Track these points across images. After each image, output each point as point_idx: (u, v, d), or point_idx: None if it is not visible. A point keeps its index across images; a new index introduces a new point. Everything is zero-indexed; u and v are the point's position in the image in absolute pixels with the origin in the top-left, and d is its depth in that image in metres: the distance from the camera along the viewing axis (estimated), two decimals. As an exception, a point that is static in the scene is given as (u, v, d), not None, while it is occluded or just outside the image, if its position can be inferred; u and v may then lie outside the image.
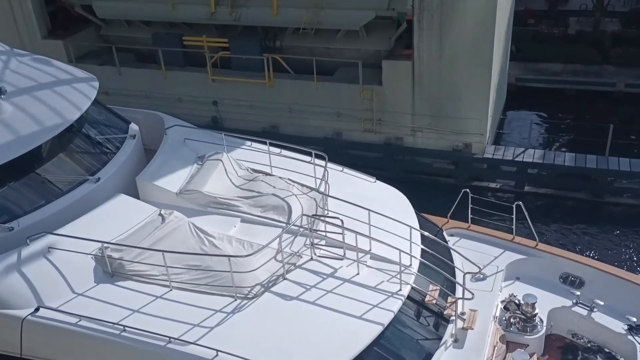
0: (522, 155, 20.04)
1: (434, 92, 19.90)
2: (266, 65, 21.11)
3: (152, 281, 9.33)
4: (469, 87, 19.44)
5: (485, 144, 20.36)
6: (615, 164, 19.15)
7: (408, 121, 20.63)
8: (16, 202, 10.08)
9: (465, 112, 19.77)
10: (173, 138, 12.18)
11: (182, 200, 10.91)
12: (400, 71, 19.99)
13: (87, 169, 10.98)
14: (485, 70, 19.20)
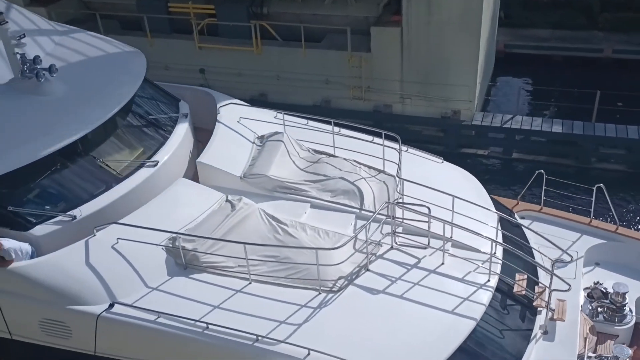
0: (510, 122, 20.13)
1: (422, 59, 19.83)
2: (253, 32, 20.88)
3: (229, 274, 8.76)
4: (457, 53, 19.38)
5: (473, 111, 20.42)
6: (602, 130, 19.31)
7: (397, 88, 20.60)
8: (75, 189, 9.48)
9: (454, 79, 19.75)
10: (227, 117, 11.42)
11: (247, 185, 10.34)
12: (389, 38, 19.86)
13: (142, 152, 10.31)
14: (474, 37, 19.13)
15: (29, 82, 9.86)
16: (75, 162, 9.54)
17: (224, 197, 9.91)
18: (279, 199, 10.19)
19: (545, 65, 24.55)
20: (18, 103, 9.73)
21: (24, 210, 8.90)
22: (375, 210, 9.43)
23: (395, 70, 20.27)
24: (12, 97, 9.81)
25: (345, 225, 9.68)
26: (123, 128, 10.40)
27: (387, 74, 20.40)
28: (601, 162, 19.65)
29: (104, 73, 10.84)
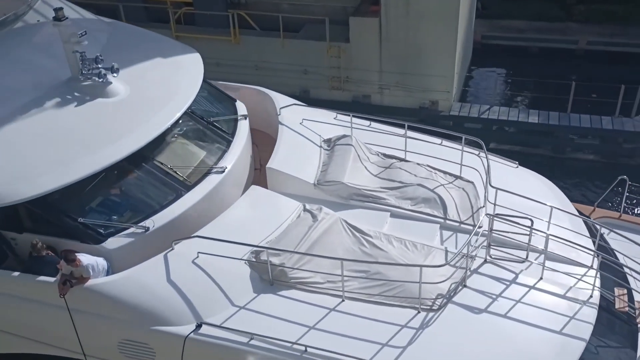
0: (487, 113, 20.31)
1: (401, 49, 19.88)
2: (231, 21, 20.72)
3: (320, 290, 8.21)
4: (435, 44, 19.47)
5: (451, 101, 20.56)
6: (577, 121, 19.59)
7: (375, 79, 20.63)
8: (145, 198, 8.95)
9: (432, 69, 19.85)
10: (289, 119, 10.86)
11: (320, 192, 9.77)
12: (368, 28, 19.87)
13: (207, 157, 9.74)
14: (452, 27, 19.22)
15: (90, 83, 9.37)
16: (143, 169, 9.00)
17: (301, 206, 9.41)
18: (356, 208, 9.63)
19: (521, 56, 24.78)
20: (80, 105, 9.18)
21: (95, 222, 8.37)
22: (460, 219, 9.08)
23: (374, 60, 20.30)
24: (72, 98, 9.29)
25: (431, 236, 9.13)
26: (186, 132, 9.85)
27: (365, 65, 20.42)
28: (576, 152, 19.95)
29: (161, 72, 10.30)
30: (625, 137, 19.06)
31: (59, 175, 8.20)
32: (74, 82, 9.47)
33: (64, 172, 8.24)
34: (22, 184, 8.13)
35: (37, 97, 9.22)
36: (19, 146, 8.58)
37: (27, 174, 8.25)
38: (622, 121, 19.35)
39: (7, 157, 8.44)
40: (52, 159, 8.43)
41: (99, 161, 8.42)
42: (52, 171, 8.25)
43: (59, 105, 9.16)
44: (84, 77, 9.44)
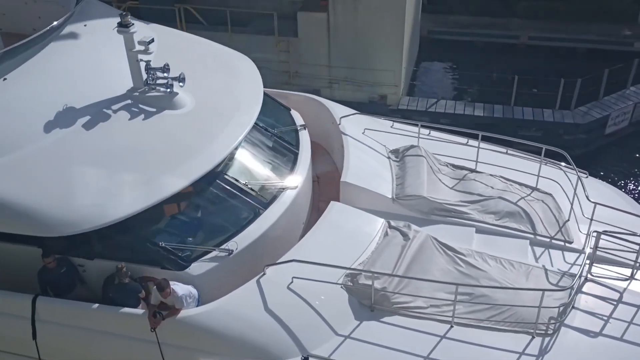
0: (435, 106, 20.68)
1: (349, 44, 19.99)
2: (178, 15, 20.37)
3: (426, 316, 7.70)
4: (383, 39, 19.67)
5: (400, 95, 20.83)
6: (520, 114, 20.17)
7: (325, 73, 20.68)
8: (225, 219, 8.42)
9: (380, 64, 20.04)
10: (351, 129, 10.33)
11: (400, 207, 9.31)
12: (316, 23, 19.89)
13: (276, 171, 9.20)
14: (399, 22, 19.45)
15: (155, 93, 8.76)
16: (219, 187, 8.42)
17: (385, 222, 8.93)
18: (438, 223, 9.18)
19: (466, 51, 25.30)
20: (148, 118, 8.54)
21: (177, 246, 7.79)
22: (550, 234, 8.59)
23: (323, 55, 20.35)
24: (138, 111, 8.64)
25: (524, 253, 8.73)
26: (254, 145, 9.31)
27: (314, 59, 20.44)
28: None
29: (218, 79, 9.69)
30: (565, 128, 19.74)
31: (140, 197, 7.60)
32: (138, 93, 8.82)
33: (145, 193, 7.65)
34: (101, 207, 7.51)
35: (101, 111, 8.54)
36: (92, 166, 7.93)
37: (105, 196, 7.62)
38: (562, 113, 20.04)
39: (81, 179, 7.78)
40: (130, 179, 7.82)
41: (179, 180, 7.85)
42: (132, 192, 7.65)
43: (126, 119, 8.52)
44: (148, 87, 8.80)
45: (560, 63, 23.59)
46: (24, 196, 7.47)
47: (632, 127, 20.61)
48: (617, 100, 20.56)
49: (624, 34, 24.63)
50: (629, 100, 20.49)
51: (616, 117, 20.09)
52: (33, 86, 8.63)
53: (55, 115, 8.30)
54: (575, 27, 24.91)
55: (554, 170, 10.18)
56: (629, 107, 20.21)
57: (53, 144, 8.01)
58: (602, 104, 20.40)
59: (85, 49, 9.54)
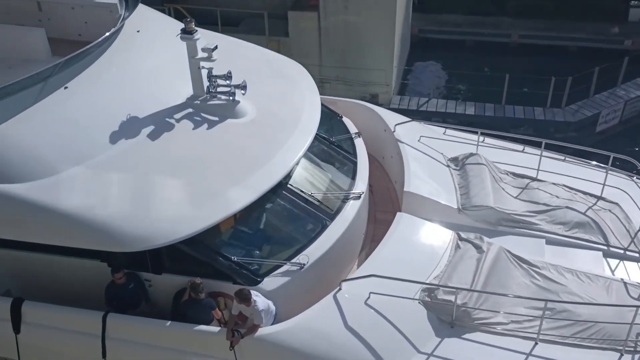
0: (426, 105, 20.69)
1: (340, 43, 19.96)
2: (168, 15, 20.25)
3: (508, 332, 7.43)
4: (374, 38, 19.65)
5: (391, 94, 20.81)
6: (511, 112, 20.21)
7: (316, 73, 20.59)
8: (294, 231, 8.23)
9: (372, 63, 20.02)
10: (407, 136, 10.06)
11: (466, 218, 9.04)
12: (307, 22, 19.84)
13: (338, 180, 9.01)
14: (389, 21, 19.44)
15: (217, 102, 8.58)
16: (286, 198, 8.21)
17: (454, 234, 8.72)
18: (506, 234, 8.91)
19: (457, 50, 25.33)
20: (211, 128, 8.37)
21: (250, 260, 7.62)
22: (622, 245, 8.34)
23: (314, 54, 20.30)
24: (201, 120, 8.46)
25: (599, 266, 8.48)
26: (315, 154, 9.09)
27: (305, 59, 20.32)
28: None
29: (274, 87, 9.48)
30: (556, 127, 19.79)
31: (213, 210, 7.41)
32: (199, 102, 8.66)
33: (217, 205, 7.47)
34: (175, 221, 7.31)
35: (163, 120, 8.39)
36: (162, 179, 7.77)
37: (178, 209, 7.43)
38: (553, 112, 20.09)
39: (152, 192, 7.61)
40: (201, 191, 7.62)
41: (250, 192, 7.66)
42: (205, 205, 7.46)
43: (190, 129, 8.35)
44: (210, 95, 8.62)
45: (551, 61, 23.66)
46: (95, 210, 7.30)
47: (622, 125, 20.69)
48: (608, 98, 20.63)
49: (614, 32, 24.73)
50: (619, 98, 20.57)
51: (607, 115, 20.16)
52: (94, 95, 8.44)
53: (119, 125, 8.15)
54: (565, 25, 24.99)
55: (616, 178, 9.86)
56: (619, 105, 20.29)
57: (119, 155, 7.86)
58: (592, 102, 20.47)
59: (142, 55, 9.37)
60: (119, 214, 7.30)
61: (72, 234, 7.34)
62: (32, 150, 7.69)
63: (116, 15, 9.92)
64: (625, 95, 20.65)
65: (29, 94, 7.99)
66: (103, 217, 7.25)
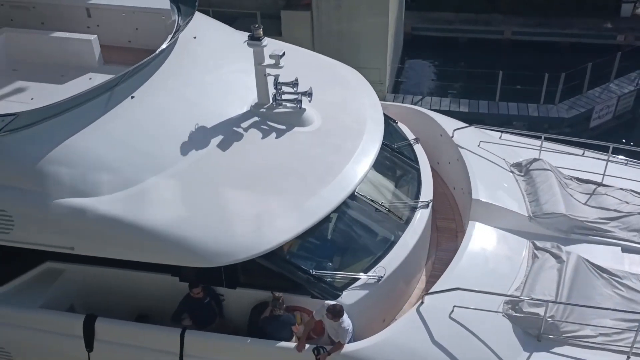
0: (420, 103, 20.65)
1: (333, 42, 19.91)
2: (160, 16, 20.18)
3: (597, 346, 7.19)
4: (367, 36, 19.62)
5: (385, 93, 20.78)
6: (505, 109, 20.24)
7: (309, 72, 20.59)
8: (369, 242, 8.08)
9: (365, 61, 19.94)
10: (466, 142, 9.84)
11: (537, 226, 8.81)
12: (299, 21, 19.79)
13: (404, 189, 8.83)
14: (383, 20, 19.42)
15: (282, 110, 8.41)
16: (358, 208, 8.08)
17: (528, 243, 8.53)
18: (580, 242, 8.69)
19: (450, 47, 25.35)
20: (280, 136, 8.21)
21: (328, 273, 7.47)
22: None
23: (307, 54, 20.26)
24: (268, 128, 8.31)
25: None
26: (381, 163, 8.86)
27: (299, 58, 20.35)
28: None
29: (337, 95, 9.26)
30: (550, 123, 19.82)
31: (293, 222, 7.27)
32: (265, 110, 8.50)
33: (297, 217, 7.32)
34: (257, 234, 7.16)
35: (231, 130, 8.22)
36: (238, 191, 7.59)
37: (259, 222, 7.26)
38: (547, 108, 20.13)
39: (229, 204, 7.43)
40: (279, 203, 7.46)
41: (327, 202, 7.51)
42: (285, 217, 7.31)
43: (259, 138, 8.20)
44: (276, 103, 8.46)
45: (543, 58, 23.71)
46: (176, 225, 7.13)
47: (615, 120, 20.76)
48: (601, 93, 20.69)
49: (606, 28, 24.81)
50: (612, 93, 20.63)
51: (600, 110, 20.22)
52: (161, 104, 8.27)
53: (187, 135, 8.00)
54: (557, 21, 25.05)
55: None
56: (612, 100, 20.35)
57: (191, 167, 7.71)
58: (586, 97, 20.53)
59: (201, 62, 9.16)
60: (200, 229, 7.13)
61: (153, 250, 7.15)
62: (105, 162, 7.51)
63: (169, 21, 9.66)
64: (618, 91, 20.72)
65: (97, 104, 7.79)
66: (185, 232, 7.07)
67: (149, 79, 8.37)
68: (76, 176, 7.36)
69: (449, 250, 8.92)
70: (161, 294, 7.85)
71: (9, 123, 7.29)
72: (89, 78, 9.23)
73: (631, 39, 23.95)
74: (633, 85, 20.92)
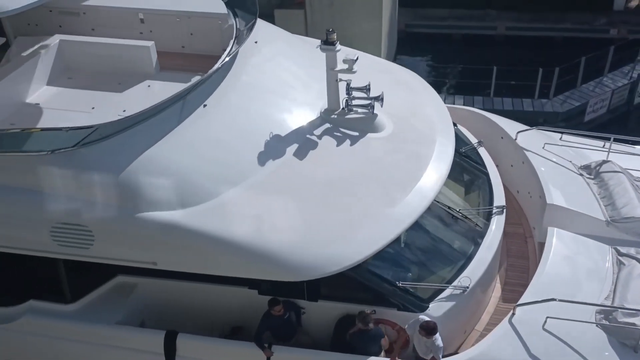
0: (415, 100, 20.70)
1: (327, 40, 19.91)
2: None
3: None
4: (361, 34, 19.59)
5: (379, 90, 20.79)
6: (500, 104, 20.27)
7: (303, 71, 20.59)
8: (450, 251, 7.85)
9: (359, 59, 19.99)
10: (531, 144, 9.64)
11: (615, 231, 8.55)
12: (293, 20, 19.78)
13: (476, 194, 8.71)
14: (376, 17, 19.43)
15: (354, 115, 8.19)
16: (437, 216, 7.88)
17: (612, 249, 8.30)
18: None
19: (444, 44, 25.36)
20: (354, 143, 7.99)
21: (415, 285, 7.29)
22: None
23: (301, 52, 20.26)
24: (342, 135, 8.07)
25: None
26: (452, 167, 8.53)
27: (293, 57, 20.35)
28: (500, 134, 20.62)
29: (401, 99, 9.00)
30: (545, 117, 19.86)
31: (379, 232, 7.08)
32: (336, 116, 8.27)
33: (383, 227, 7.12)
34: (343, 246, 6.96)
35: (304, 137, 8.03)
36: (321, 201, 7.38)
37: (346, 233, 7.06)
38: (541, 102, 20.17)
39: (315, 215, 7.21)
40: (364, 213, 7.25)
41: (410, 211, 7.29)
42: (372, 227, 7.11)
43: (334, 146, 8.00)
44: (347, 108, 8.23)
45: (537, 53, 23.74)
46: (262, 238, 6.95)
47: (610, 113, 20.81)
48: (595, 87, 20.74)
49: (600, 22, 24.85)
50: (606, 87, 20.68)
51: (594, 104, 20.27)
52: (232, 112, 8.05)
53: (262, 143, 7.81)
54: (551, 16, 25.08)
55: None
56: (606, 94, 20.40)
57: (270, 177, 7.53)
58: (580, 91, 20.58)
59: (266, 68, 8.91)
60: (287, 241, 6.96)
61: (239, 264, 6.97)
62: (186, 173, 7.31)
63: (225, 26, 9.43)
64: (612, 84, 20.77)
65: (170, 114, 7.56)
66: (272, 245, 6.89)
67: (218, 86, 8.11)
68: (159, 189, 7.16)
69: (521, 256, 8.79)
70: (238, 307, 7.66)
71: (89, 135, 7.07)
72: (148, 85, 9.05)
73: (624, 33, 23.99)
74: (627, 78, 20.98)
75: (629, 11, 25.67)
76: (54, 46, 9.46)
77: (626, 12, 25.60)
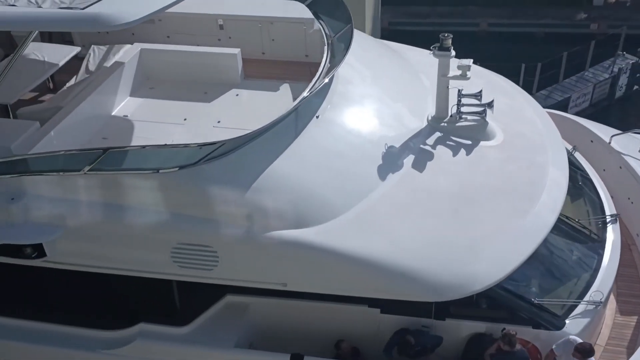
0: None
1: (311, 39, 19.88)
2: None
3: None
4: (345, 32, 19.61)
5: (364, 88, 20.81)
6: (484, 100, 20.39)
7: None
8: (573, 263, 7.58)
9: (343, 57, 19.99)
10: (624, 148, 9.22)
11: None
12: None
13: (584, 202, 8.42)
14: (359, 15, 19.42)
15: (464, 123, 7.80)
16: (559, 228, 7.42)
17: None
18: None
19: (428, 41, 25.19)
20: (469, 153, 7.61)
21: (550, 302, 6.96)
22: None
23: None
24: (455, 144, 7.71)
25: None
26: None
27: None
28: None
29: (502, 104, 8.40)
30: (529, 112, 20.01)
31: (517, 247, 6.72)
32: (446, 124, 7.89)
33: (518, 240, 6.78)
34: (486, 262, 6.57)
35: (418, 147, 7.63)
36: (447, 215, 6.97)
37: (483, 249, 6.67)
38: (524, 98, 20.32)
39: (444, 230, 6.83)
40: (495, 226, 6.89)
41: (543, 223, 6.95)
42: (505, 242, 6.75)
43: (450, 155, 7.60)
44: (457, 115, 7.82)
45: (519, 48, 23.87)
46: (397, 256, 6.55)
47: (592, 107, 21.04)
48: (577, 82, 20.96)
49: (580, 17, 25.10)
50: (588, 81, 20.90)
51: (577, 98, 20.48)
52: (344, 122, 7.65)
53: (379, 155, 7.38)
54: (532, 11, 25.29)
55: None
56: (588, 89, 20.63)
57: (393, 190, 7.11)
58: (562, 86, 20.78)
59: (365, 76, 8.52)
60: (424, 259, 6.58)
61: (375, 285, 6.57)
62: (311, 188, 6.88)
63: (310, 31, 9.11)
64: (593, 79, 21.00)
65: (286, 126, 7.08)
66: (410, 264, 6.51)
67: (326, 96, 7.68)
68: (286, 206, 6.74)
69: (628, 265, 8.44)
70: (357, 326, 7.24)
71: (214, 151, 6.62)
72: (236, 94, 8.74)
73: (604, 27, 24.27)
74: (608, 72, 21.22)
75: (608, 6, 25.96)
76: (136, 55, 9.05)
77: (605, 7, 25.89)
